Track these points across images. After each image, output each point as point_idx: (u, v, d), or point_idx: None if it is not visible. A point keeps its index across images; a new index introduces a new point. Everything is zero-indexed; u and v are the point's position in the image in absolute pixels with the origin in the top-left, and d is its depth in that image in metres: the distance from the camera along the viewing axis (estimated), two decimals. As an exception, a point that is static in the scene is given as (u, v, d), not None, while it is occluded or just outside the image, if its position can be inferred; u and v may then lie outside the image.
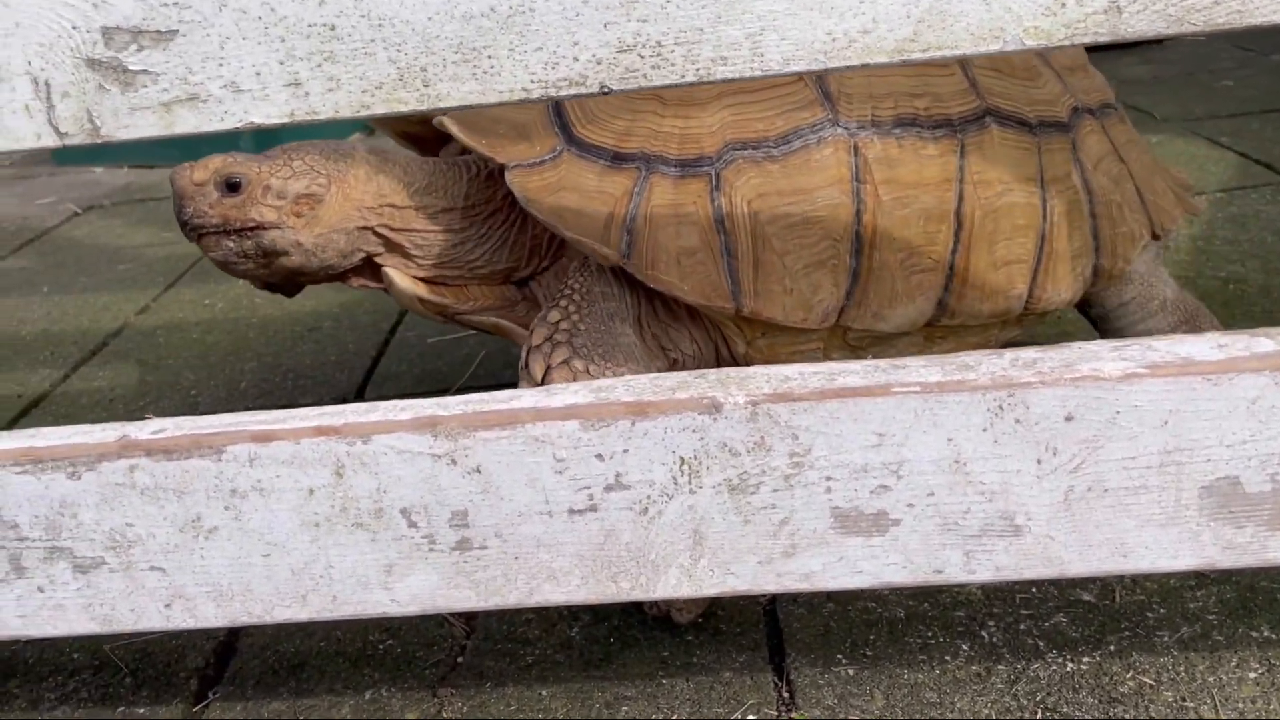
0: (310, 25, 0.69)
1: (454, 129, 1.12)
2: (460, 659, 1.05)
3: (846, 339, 1.21)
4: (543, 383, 1.07)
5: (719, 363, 1.23)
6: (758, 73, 0.69)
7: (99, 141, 0.73)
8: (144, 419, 0.83)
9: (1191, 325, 1.36)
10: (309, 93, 0.71)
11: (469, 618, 1.11)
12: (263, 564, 0.82)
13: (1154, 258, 1.36)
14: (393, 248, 1.18)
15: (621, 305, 1.17)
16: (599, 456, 0.78)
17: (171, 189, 1.10)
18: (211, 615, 0.84)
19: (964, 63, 1.20)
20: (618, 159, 1.11)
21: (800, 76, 1.13)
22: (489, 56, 0.70)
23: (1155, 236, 1.30)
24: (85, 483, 0.80)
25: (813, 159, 1.13)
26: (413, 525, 0.81)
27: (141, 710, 1.02)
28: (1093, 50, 3.49)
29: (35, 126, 0.72)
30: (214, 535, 0.82)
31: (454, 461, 0.79)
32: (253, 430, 0.79)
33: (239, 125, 0.72)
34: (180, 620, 0.84)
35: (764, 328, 1.17)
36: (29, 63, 0.71)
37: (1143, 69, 3.15)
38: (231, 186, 1.08)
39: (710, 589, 0.81)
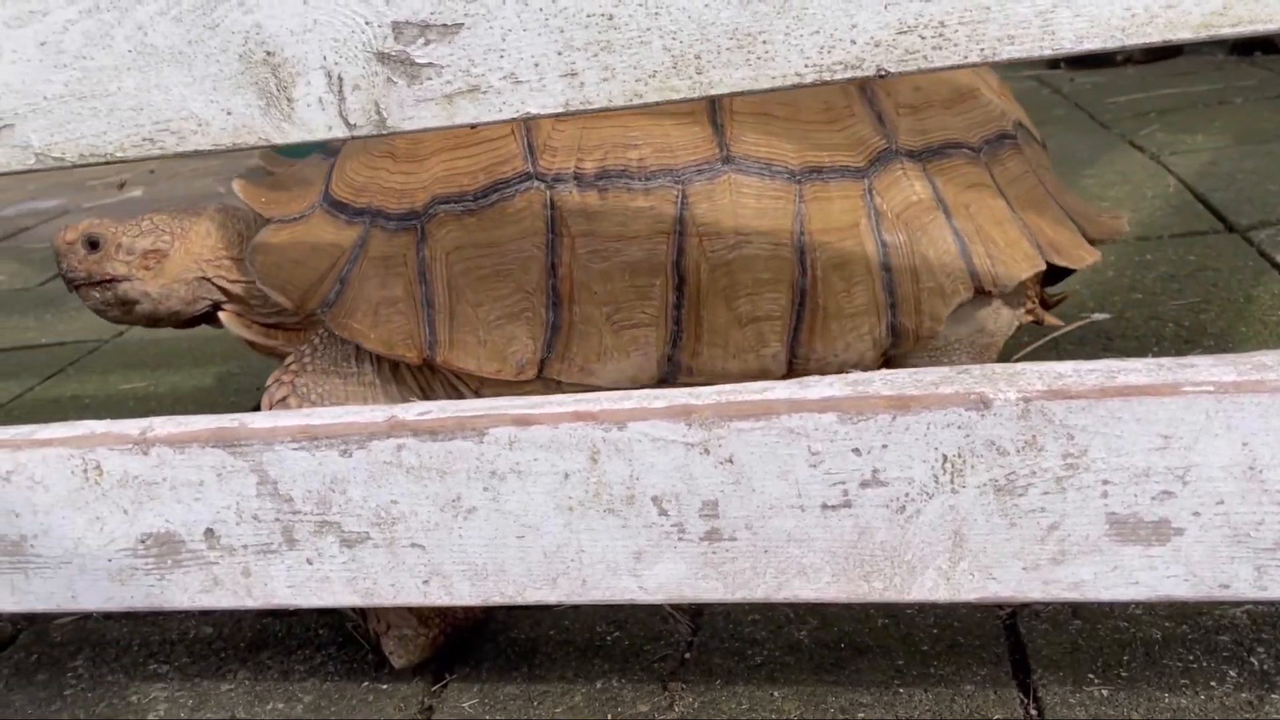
0: (589, 15, 0.71)
1: (236, 186, 1.24)
2: (687, 655, 1.05)
3: (566, 392, 1.15)
4: None
5: None
6: (1047, 51, 0.66)
7: (384, 133, 0.76)
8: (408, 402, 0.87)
9: None
10: (584, 83, 0.72)
11: (694, 614, 1.11)
12: (517, 545, 0.84)
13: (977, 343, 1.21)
14: (232, 297, 1.28)
15: (363, 352, 1.21)
16: (855, 451, 0.76)
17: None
18: (466, 594, 0.86)
19: (718, 106, 1.14)
20: (355, 213, 1.17)
21: (511, 130, 1.15)
22: (764, 42, 0.69)
23: (982, 292, 1.17)
24: (356, 460, 0.84)
25: (508, 212, 1.13)
26: (663, 513, 0.81)
27: (384, 686, 1.06)
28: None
29: (327, 119, 0.77)
30: (472, 515, 0.84)
31: (707, 451, 0.79)
32: (513, 414, 0.81)
33: (515, 115, 0.74)
34: (437, 597, 0.87)
35: (481, 379, 1.18)
36: (324, 57, 0.75)
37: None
38: (93, 244, 1.23)
39: (970, 594, 0.77)
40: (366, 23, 0.73)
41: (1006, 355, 1.53)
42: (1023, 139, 1.27)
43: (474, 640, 1.11)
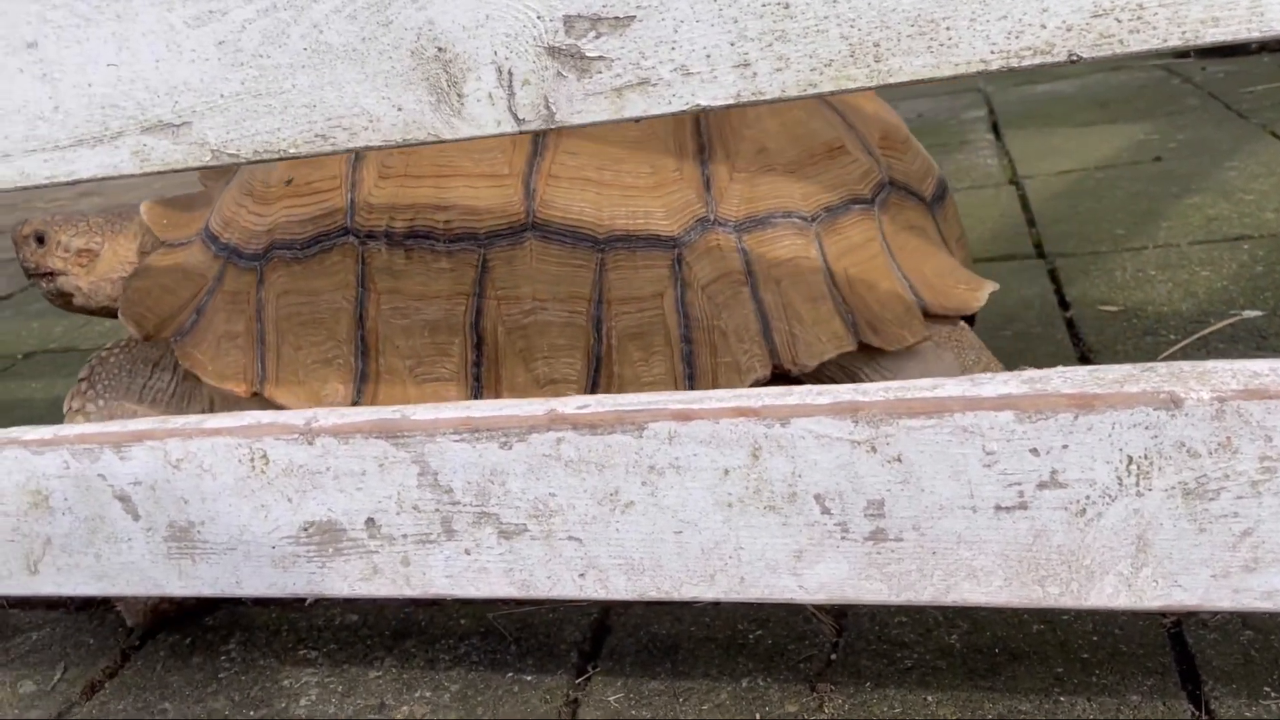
0: (764, 5, 0.70)
1: (143, 209, 1.34)
2: (833, 656, 1.03)
3: None
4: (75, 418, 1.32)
5: None
6: (1255, 34, 0.63)
7: (552, 127, 0.76)
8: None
9: None
10: (757, 73, 0.71)
11: (838, 615, 1.09)
12: (674, 541, 0.84)
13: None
14: None
15: (165, 362, 1.34)
16: (1033, 451, 0.74)
17: None
18: (622, 588, 0.86)
19: (534, 170, 1.17)
20: (220, 247, 1.27)
21: (340, 184, 1.22)
22: (947, 28, 0.67)
23: (781, 371, 1.13)
24: (515, 453, 0.85)
25: (325, 263, 1.20)
26: (826, 512, 0.79)
27: (529, 678, 1.07)
28: None
29: (496, 114, 0.77)
30: (630, 510, 0.84)
31: (874, 449, 0.77)
32: (673, 409, 0.81)
33: (685, 108, 0.73)
34: (592, 590, 0.87)
35: None
36: (495, 52, 0.76)
37: None
38: (40, 240, 1.38)
39: (1153, 601, 0.74)
40: (538, 17, 0.74)
41: (1150, 356, 1.47)
42: (888, 200, 1.22)
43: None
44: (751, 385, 1.13)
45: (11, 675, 1.21)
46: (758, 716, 0.96)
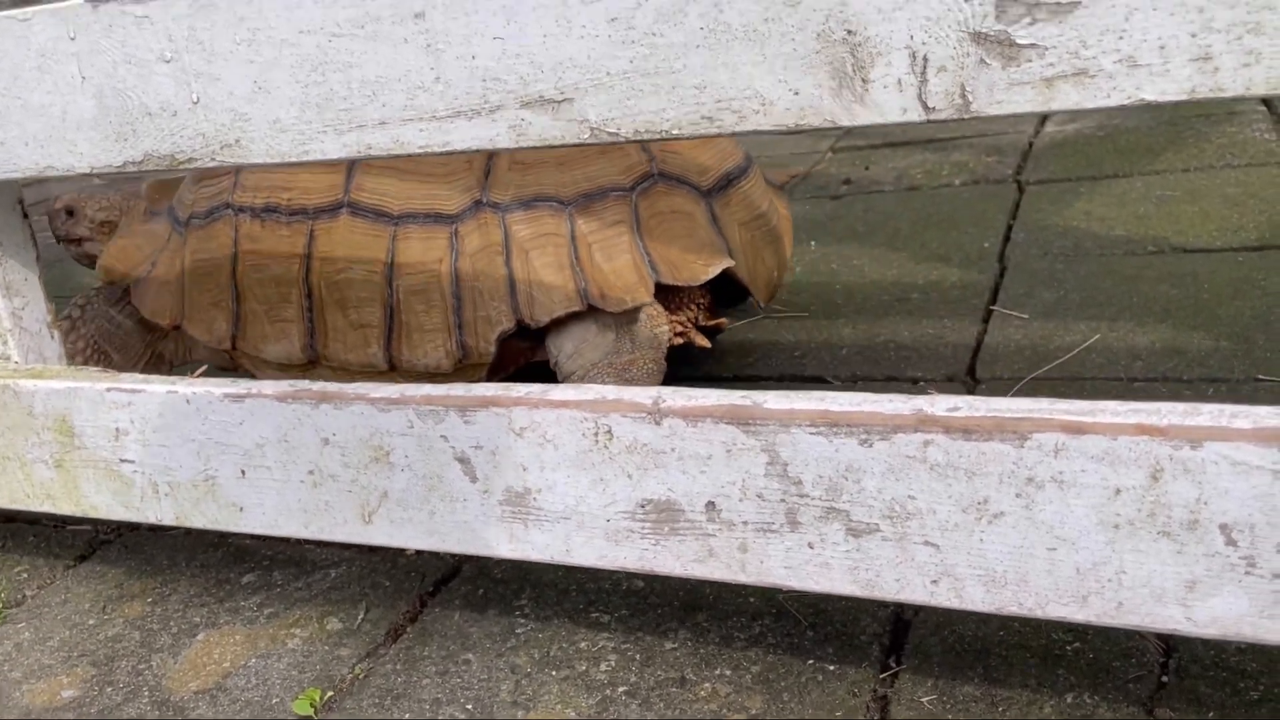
0: (1242, -7, 0.63)
1: (144, 187, 1.70)
2: (1165, 678, 0.97)
3: (256, 364, 1.61)
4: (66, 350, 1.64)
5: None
6: None
7: (964, 117, 0.72)
8: (928, 391, 0.83)
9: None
10: (1219, 69, 0.65)
11: (1163, 635, 1.03)
12: (1045, 557, 0.80)
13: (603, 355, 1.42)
14: None
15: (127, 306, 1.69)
16: None
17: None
18: (979, 599, 0.83)
19: (354, 167, 1.48)
20: (172, 217, 1.64)
21: (232, 170, 1.55)
22: None
23: (524, 325, 1.41)
24: (875, 451, 0.82)
25: (214, 230, 1.57)
26: (1230, 543, 0.74)
27: (831, 667, 1.05)
28: None
29: (903, 101, 0.73)
30: (998, 521, 0.80)
31: (1299, 482, 0.71)
32: (1064, 420, 0.76)
33: (1125, 102, 0.68)
34: (944, 599, 0.84)
35: (205, 345, 1.65)
36: (911, 36, 0.72)
37: None
38: (70, 213, 1.72)
39: None
40: (966, 0, 0.69)
41: None
42: (652, 189, 1.45)
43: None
44: (498, 335, 1.41)
45: (317, 610, 1.27)
46: (1090, 737, 0.92)
